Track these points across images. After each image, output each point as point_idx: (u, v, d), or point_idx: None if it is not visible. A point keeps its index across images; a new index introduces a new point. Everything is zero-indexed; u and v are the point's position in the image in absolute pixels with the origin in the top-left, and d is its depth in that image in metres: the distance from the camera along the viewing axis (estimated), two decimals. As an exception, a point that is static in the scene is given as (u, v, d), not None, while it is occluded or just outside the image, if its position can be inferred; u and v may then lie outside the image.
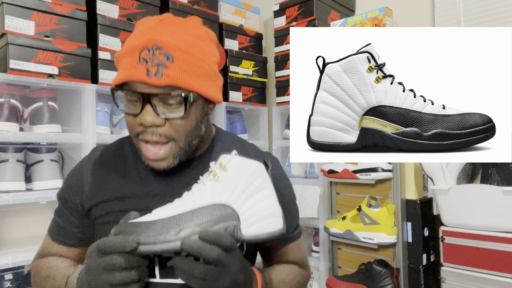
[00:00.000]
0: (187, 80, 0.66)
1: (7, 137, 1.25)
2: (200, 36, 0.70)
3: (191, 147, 0.72)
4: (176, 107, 0.67)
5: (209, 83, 0.70)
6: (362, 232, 1.45)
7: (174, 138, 0.69)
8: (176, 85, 0.65)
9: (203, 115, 0.73)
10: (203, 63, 0.68)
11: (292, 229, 0.84)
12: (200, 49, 0.68)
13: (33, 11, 1.35)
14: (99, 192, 0.76)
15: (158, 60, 0.64)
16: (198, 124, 0.72)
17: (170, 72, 0.64)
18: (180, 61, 0.65)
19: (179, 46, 0.66)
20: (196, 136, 0.72)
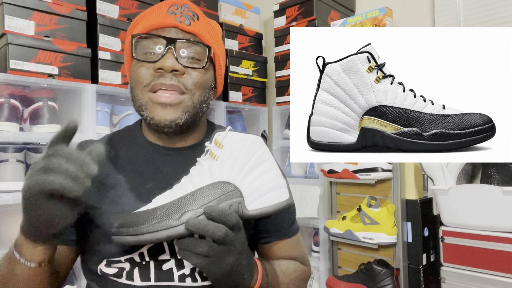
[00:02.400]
0: (210, 38, 0.71)
1: (7, 137, 1.25)
2: (215, 23, 0.78)
3: (200, 109, 0.73)
4: (195, 61, 0.70)
5: (222, 58, 0.76)
6: (362, 232, 1.45)
7: (190, 90, 0.69)
8: (201, 37, 0.70)
9: (213, 85, 0.76)
10: (219, 38, 0.75)
11: (289, 225, 0.83)
12: (217, 28, 0.77)
13: (33, 11, 1.35)
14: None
15: (187, 14, 0.71)
16: (209, 88, 0.74)
17: (197, 25, 0.71)
18: (205, 22, 0.73)
19: (202, 14, 0.74)
20: (207, 99, 0.74)
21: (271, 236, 0.81)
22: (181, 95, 0.69)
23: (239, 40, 2.04)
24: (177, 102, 0.68)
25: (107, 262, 0.70)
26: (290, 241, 0.83)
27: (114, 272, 0.70)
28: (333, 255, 1.66)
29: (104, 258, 0.70)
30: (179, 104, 0.68)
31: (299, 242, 0.86)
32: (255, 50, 2.13)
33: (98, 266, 0.71)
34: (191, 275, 0.70)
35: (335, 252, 1.65)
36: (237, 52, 1.99)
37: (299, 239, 0.86)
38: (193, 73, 0.69)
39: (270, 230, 0.81)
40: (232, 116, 2.03)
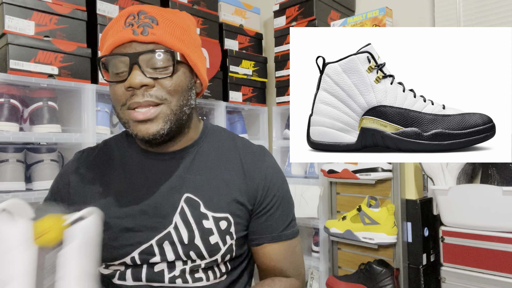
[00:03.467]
0: (173, 40, 0.68)
1: (7, 137, 1.25)
2: (182, 16, 0.74)
3: (182, 113, 0.71)
4: (163, 69, 0.68)
5: (195, 54, 0.72)
6: (362, 232, 1.45)
7: (165, 99, 0.68)
8: (162, 43, 0.67)
9: (191, 85, 0.73)
10: (188, 33, 0.71)
11: (282, 228, 0.79)
12: (184, 22, 0.72)
13: (33, 11, 1.35)
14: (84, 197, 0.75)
15: (144, 22, 0.67)
16: (187, 89, 0.72)
17: (156, 31, 0.67)
18: (165, 24, 0.68)
19: (163, 14, 0.69)
20: (187, 102, 0.72)
21: (261, 237, 0.78)
22: (157, 106, 0.68)
23: (239, 40, 2.04)
24: (155, 115, 0.68)
25: (105, 265, 0.73)
26: (283, 246, 0.79)
27: (109, 273, 0.72)
28: (333, 255, 1.66)
29: (103, 262, 0.72)
30: (158, 116, 0.68)
31: (294, 249, 0.81)
32: (255, 50, 2.13)
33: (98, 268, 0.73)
34: (181, 276, 0.71)
35: (335, 252, 1.65)
36: (237, 52, 1.99)
37: (294, 245, 0.82)
38: (163, 82, 0.68)
39: (262, 230, 0.78)
40: (232, 116, 2.03)
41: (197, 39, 0.75)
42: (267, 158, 0.82)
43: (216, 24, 1.92)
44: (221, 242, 0.73)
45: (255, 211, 0.77)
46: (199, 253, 0.71)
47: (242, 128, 2.03)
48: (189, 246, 0.71)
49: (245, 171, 0.77)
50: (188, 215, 0.72)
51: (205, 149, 0.78)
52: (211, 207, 0.73)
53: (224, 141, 0.81)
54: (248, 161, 0.79)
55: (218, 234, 0.72)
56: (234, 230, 0.74)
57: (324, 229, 1.60)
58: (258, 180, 0.77)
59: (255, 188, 0.77)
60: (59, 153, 1.46)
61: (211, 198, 0.73)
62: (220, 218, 0.73)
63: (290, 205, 0.82)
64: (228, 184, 0.75)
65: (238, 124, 2.02)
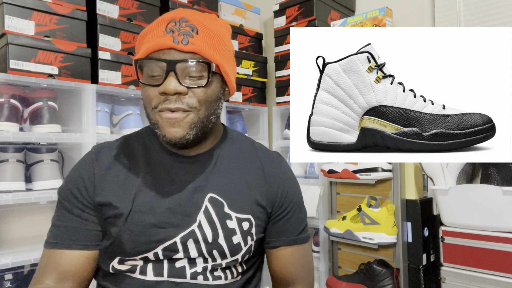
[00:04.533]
0: (210, 51, 0.70)
1: (7, 137, 1.25)
2: (220, 23, 0.76)
3: (208, 122, 0.73)
4: (198, 78, 0.70)
5: (229, 64, 0.74)
6: (362, 232, 1.45)
7: (196, 108, 0.70)
8: (200, 54, 0.69)
9: (220, 95, 0.75)
10: (224, 43, 0.73)
11: (298, 231, 0.82)
12: (221, 31, 0.74)
13: (33, 11, 1.35)
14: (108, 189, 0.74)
15: (185, 31, 0.69)
16: (217, 99, 0.74)
17: (195, 41, 0.69)
18: (205, 34, 0.70)
19: (204, 22, 0.71)
20: (214, 111, 0.74)
21: (278, 240, 0.81)
22: (186, 112, 0.70)
23: (239, 40, 2.04)
24: (183, 120, 0.70)
25: (119, 260, 0.73)
26: (297, 250, 0.82)
27: (127, 268, 0.73)
28: (333, 255, 1.66)
29: (117, 256, 0.72)
30: (186, 122, 0.70)
31: (307, 253, 0.84)
32: (255, 50, 2.13)
33: (110, 264, 0.73)
34: (202, 274, 0.73)
35: (335, 252, 1.65)
36: (237, 52, 1.99)
37: (307, 249, 0.85)
38: (197, 91, 0.70)
39: (279, 234, 0.81)
40: (232, 116, 2.03)
41: (231, 48, 0.77)
42: (284, 164, 0.85)
43: (216, 24, 1.92)
44: (243, 243, 0.75)
45: (274, 214, 0.80)
46: (222, 252, 0.73)
47: (242, 128, 2.03)
48: (212, 244, 0.73)
49: (266, 174, 0.80)
50: (212, 214, 0.74)
51: (227, 151, 0.81)
52: (234, 208, 0.75)
53: (244, 144, 0.84)
54: (268, 165, 0.82)
55: (240, 234, 0.74)
56: (255, 232, 0.76)
57: (324, 229, 1.60)
58: (277, 185, 0.80)
59: (274, 192, 0.79)
60: (59, 153, 1.46)
61: (235, 199, 0.76)
62: (243, 219, 0.75)
63: (304, 211, 0.85)
64: (250, 186, 0.78)
65: (238, 124, 2.02)
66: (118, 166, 0.76)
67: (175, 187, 0.75)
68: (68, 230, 0.74)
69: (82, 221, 0.74)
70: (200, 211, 0.73)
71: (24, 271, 1.34)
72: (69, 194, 0.75)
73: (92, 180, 0.75)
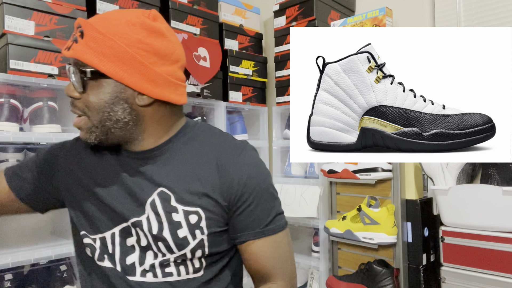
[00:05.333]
0: (88, 56, 0.67)
1: (7, 137, 1.25)
2: (132, 22, 0.69)
3: (106, 128, 0.72)
4: (79, 84, 0.70)
5: (123, 67, 0.68)
6: (362, 232, 1.45)
7: (85, 113, 0.72)
8: (77, 59, 0.68)
9: (119, 99, 0.70)
10: (117, 45, 0.67)
11: (266, 222, 0.76)
12: (120, 33, 0.68)
13: (33, 11, 1.35)
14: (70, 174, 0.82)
15: (75, 36, 0.69)
16: (109, 106, 0.70)
17: (76, 47, 0.68)
18: (89, 38, 0.68)
19: (95, 25, 0.68)
20: (109, 118, 0.71)
21: (245, 234, 0.76)
22: (80, 117, 0.73)
23: (239, 40, 2.04)
24: (79, 125, 0.73)
25: (83, 234, 0.79)
26: (266, 242, 0.77)
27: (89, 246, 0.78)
28: (333, 255, 1.66)
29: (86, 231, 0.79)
30: (82, 126, 0.73)
31: (279, 244, 0.78)
32: (255, 50, 2.13)
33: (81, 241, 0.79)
34: (151, 271, 0.74)
35: (335, 252, 1.65)
36: (237, 52, 1.99)
37: (280, 240, 0.78)
38: (83, 96, 0.71)
39: (244, 228, 0.76)
40: (232, 116, 2.03)
41: (141, 47, 0.69)
42: (245, 152, 0.78)
43: (216, 24, 1.92)
44: (190, 236, 0.73)
45: (233, 207, 0.75)
46: (167, 246, 0.73)
47: (242, 128, 2.03)
48: (157, 237, 0.73)
49: (219, 166, 0.76)
50: (158, 207, 0.74)
51: (181, 145, 0.78)
52: (181, 201, 0.74)
53: (205, 138, 0.80)
54: (224, 156, 0.77)
55: (187, 227, 0.73)
56: (206, 225, 0.74)
57: (324, 229, 1.60)
58: (232, 176, 0.75)
59: (229, 184, 0.75)
60: (59, 153, 1.46)
61: (183, 192, 0.74)
62: (190, 211, 0.74)
63: (273, 199, 0.79)
64: (200, 179, 0.75)
65: (238, 124, 2.02)
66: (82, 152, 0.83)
67: (126, 181, 0.76)
68: (21, 168, 0.84)
69: (33, 177, 0.83)
70: (147, 204, 0.74)
71: (24, 271, 1.34)
72: (50, 156, 0.84)
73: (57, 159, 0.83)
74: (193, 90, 1.76)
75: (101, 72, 0.68)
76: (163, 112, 0.76)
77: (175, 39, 0.76)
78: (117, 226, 0.76)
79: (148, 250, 0.75)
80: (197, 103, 1.83)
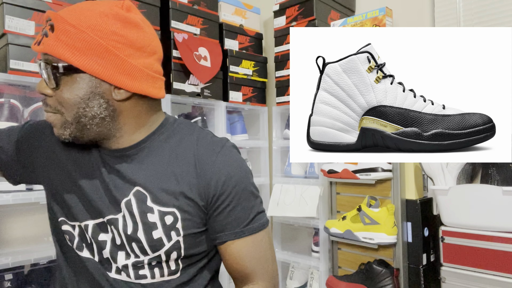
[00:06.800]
0: (60, 50, 0.64)
1: (7, 137, 1.25)
2: (105, 13, 0.66)
3: (82, 125, 0.69)
4: (50, 79, 0.67)
5: (97, 60, 0.65)
6: (362, 232, 1.45)
7: (58, 111, 0.68)
8: (50, 54, 0.65)
9: (94, 94, 0.68)
10: (90, 38, 0.64)
11: (245, 222, 0.74)
12: (92, 25, 0.65)
13: (33, 11, 1.35)
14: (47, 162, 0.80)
15: (45, 30, 0.66)
16: (84, 102, 0.67)
17: (46, 41, 0.65)
18: (60, 31, 0.65)
19: (66, 18, 0.65)
20: (85, 115, 0.68)
21: (224, 235, 0.74)
22: (53, 113, 0.70)
23: (239, 40, 2.04)
24: (52, 121, 0.70)
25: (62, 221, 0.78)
26: (246, 242, 0.74)
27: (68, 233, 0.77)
28: (333, 255, 1.66)
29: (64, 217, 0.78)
30: (55, 123, 0.70)
31: (259, 243, 0.76)
32: (255, 50, 2.13)
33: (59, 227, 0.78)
34: (124, 270, 0.74)
35: (335, 252, 1.66)
36: (237, 52, 1.99)
37: (260, 239, 0.76)
38: (56, 93, 0.67)
39: (223, 228, 0.74)
40: (232, 116, 2.03)
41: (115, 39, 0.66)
42: (225, 150, 0.75)
43: (216, 24, 1.92)
44: (165, 238, 0.72)
45: (211, 208, 0.73)
46: (141, 247, 0.72)
47: (242, 128, 2.03)
48: (131, 237, 0.72)
49: (197, 165, 0.73)
50: (133, 207, 0.72)
51: (159, 143, 0.76)
52: (157, 201, 0.72)
53: (185, 136, 0.77)
54: (202, 154, 0.74)
55: (162, 229, 0.71)
56: (182, 226, 0.72)
57: (324, 229, 1.60)
58: (210, 175, 0.72)
59: (206, 183, 0.72)
60: (59, 153, 1.46)
61: (159, 192, 0.72)
62: (166, 212, 0.71)
63: (253, 199, 0.76)
64: (177, 178, 0.72)
65: (238, 124, 2.02)
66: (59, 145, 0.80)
67: (105, 178, 0.74)
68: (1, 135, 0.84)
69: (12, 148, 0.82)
70: (122, 203, 0.72)
71: (24, 271, 1.34)
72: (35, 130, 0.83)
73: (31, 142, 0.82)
74: (193, 90, 1.76)
75: (74, 67, 0.65)
76: (141, 107, 0.73)
77: (151, 31, 0.73)
78: (94, 219, 0.74)
79: (120, 250, 0.73)
80: (197, 103, 1.83)
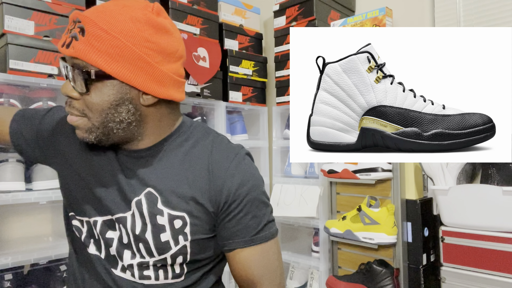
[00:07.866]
0: (93, 55, 0.63)
1: (7, 137, 1.25)
2: (136, 18, 0.65)
3: (108, 129, 0.69)
4: (80, 84, 0.66)
5: (129, 67, 0.65)
6: (362, 232, 1.45)
7: (85, 114, 0.68)
8: (80, 58, 0.64)
9: (124, 100, 0.67)
10: (123, 44, 0.64)
11: (255, 231, 0.74)
12: (125, 31, 0.64)
13: (33, 11, 1.35)
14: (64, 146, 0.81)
15: (74, 32, 0.64)
16: (114, 107, 0.67)
17: (77, 45, 0.63)
18: (91, 36, 0.63)
19: (97, 22, 0.63)
20: (113, 120, 0.68)
21: (233, 242, 0.74)
22: (78, 117, 0.69)
23: (239, 40, 2.04)
24: (77, 123, 0.69)
25: (72, 216, 0.79)
26: (255, 250, 0.74)
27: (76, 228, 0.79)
28: (333, 255, 1.66)
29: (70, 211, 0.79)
30: (80, 126, 0.69)
31: (268, 253, 0.76)
32: (255, 50, 2.13)
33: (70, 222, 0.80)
34: (129, 269, 0.74)
35: (335, 252, 1.65)
36: (237, 52, 1.99)
37: (268, 248, 0.76)
38: (85, 97, 0.66)
39: (233, 235, 0.73)
40: (232, 116, 2.03)
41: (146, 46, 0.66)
42: (239, 158, 0.75)
43: (216, 24, 1.92)
44: (173, 241, 0.72)
45: (222, 214, 0.73)
46: (148, 248, 0.72)
47: (242, 128, 2.03)
48: (139, 237, 0.72)
49: (210, 170, 0.73)
50: (143, 208, 0.72)
51: (175, 146, 0.76)
52: (168, 204, 0.72)
53: (200, 140, 0.77)
54: (216, 160, 0.74)
55: (170, 232, 0.71)
56: (190, 231, 0.72)
57: (324, 229, 1.60)
58: (223, 181, 0.72)
59: (218, 190, 0.72)
60: (59, 153, 1.46)
61: (170, 195, 0.72)
62: (175, 216, 0.71)
63: (264, 207, 0.76)
64: (190, 183, 0.72)
65: (238, 124, 2.02)
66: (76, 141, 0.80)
67: (118, 177, 0.74)
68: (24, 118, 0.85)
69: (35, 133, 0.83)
70: (133, 202, 0.72)
71: (24, 271, 1.34)
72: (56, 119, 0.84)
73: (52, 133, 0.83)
74: (193, 90, 1.76)
75: (106, 73, 0.64)
76: (164, 110, 0.73)
77: (178, 35, 0.72)
78: (103, 216, 0.75)
79: (127, 248, 0.73)
80: (197, 103, 1.83)
